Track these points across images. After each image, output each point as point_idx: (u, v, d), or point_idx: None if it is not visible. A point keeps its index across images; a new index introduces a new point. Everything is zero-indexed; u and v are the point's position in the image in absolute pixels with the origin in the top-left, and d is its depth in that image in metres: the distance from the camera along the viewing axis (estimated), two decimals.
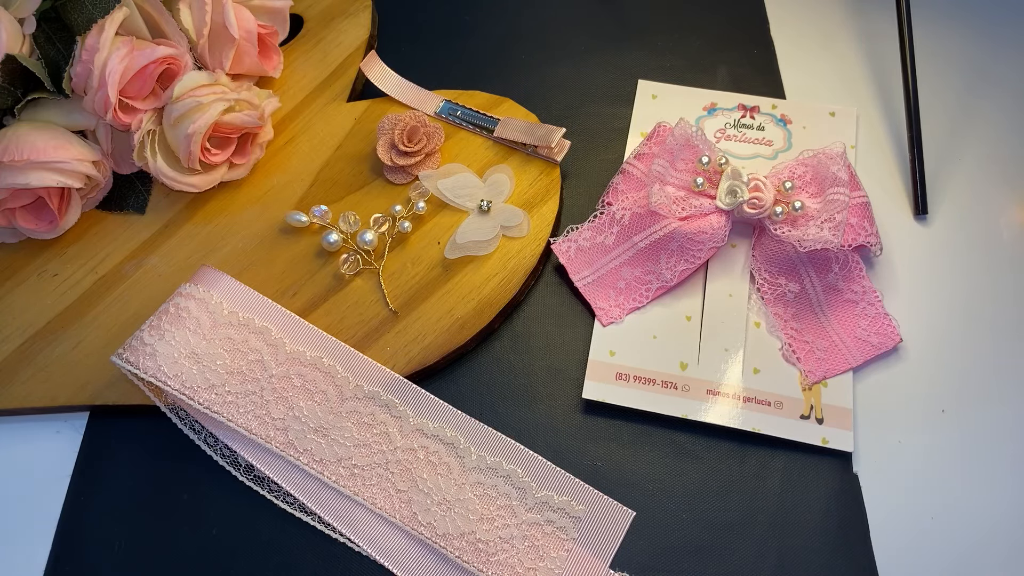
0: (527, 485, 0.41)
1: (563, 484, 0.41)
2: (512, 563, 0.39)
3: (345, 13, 0.59)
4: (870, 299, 0.45)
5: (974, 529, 0.41)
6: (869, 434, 0.44)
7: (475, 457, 0.42)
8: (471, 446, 0.42)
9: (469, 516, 0.40)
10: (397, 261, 0.48)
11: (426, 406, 0.43)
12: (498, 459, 0.42)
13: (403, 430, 0.42)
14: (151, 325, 0.43)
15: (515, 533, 0.40)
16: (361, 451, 0.42)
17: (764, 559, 0.41)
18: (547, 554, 0.40)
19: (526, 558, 0.40)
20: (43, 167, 0.46)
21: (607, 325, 0.46)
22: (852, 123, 0.52)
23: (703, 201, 0.46)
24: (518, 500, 0.41)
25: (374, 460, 0.42)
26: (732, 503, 0.42)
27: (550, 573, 0.39)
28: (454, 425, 0.43)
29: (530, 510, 0.41)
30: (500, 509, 0.41)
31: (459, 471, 0.41)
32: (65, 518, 0.44)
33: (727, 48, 0.57)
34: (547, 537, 0.40)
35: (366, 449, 0.42)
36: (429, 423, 0.43)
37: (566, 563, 0.40)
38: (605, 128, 0.54)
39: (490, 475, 0.41)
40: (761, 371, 0.45)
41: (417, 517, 0.41)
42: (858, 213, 0.45)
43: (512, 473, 0.41)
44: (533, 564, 0.39)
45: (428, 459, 0.42)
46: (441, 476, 0.41)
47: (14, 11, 0.46)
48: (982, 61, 0.56)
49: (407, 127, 0.50)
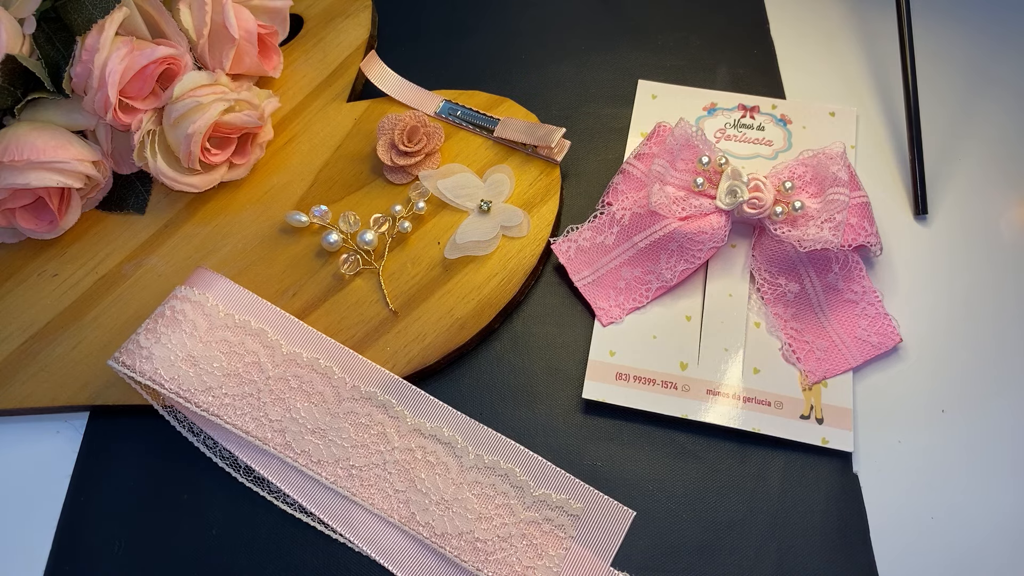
0: (525, 484, 0.41)
1: (561, 483, 0.41)
2: (511, 561, 0.39)
3: (345, 13, 0.59)
4: (870, 299, 0.45)
5: (974, 529, 0.41)
6: (869, 434, 0.44)
7: (473, 456, 0.42)
8: (468, 445, 0.42)
9: (467, 515, 0.40)
10: (397, 261, 0.48)
11: (423, 406, 0.43)
12: (496, 458, 0.42)
13: (400, 430, 0.42)
14: (147, 328, 0.43)
15: (513, 532, 0.40)
16: (359, 452, 0.42)
17: (764, 559, 0.41)
18: (545, 552, 0.40)
19: (524, 556, 0.40)
20: (43, 167, 0.46)
21: (607, 325, 0.46)
22: (852, 123, 0.52)
23: (703, 201, 0.46)
24: (516, 499, 0.41)
25: (372, 460, 0.42)
26: (732, 503, 0.42)
27: (548, 571, 0.39)
28: (451, 425, 0.43)
29: (528, 508, 0.41)
30: (498, 508, 0.41)
31: (457, 470, 0.41)
32: (65, 518, 0.44)
33: (727, 48, 0.57)
34: (545, 535, 0.40)
35: (364, 450, 0.42)
36: (426, 423, 0.43)
37: (564, 561, 0.40)
38: (605, 128, 0.54)
39: (488, 474, 0.41)
40: (761, 371, 0.45)
41: (415, 517, 0.41)
42: (858, 213, 0.45)
43: (510, 472, 0.41)
44: (532, 563, 0.40)
45: (426, 459, 0.42)
46: (439, 476, 0.41)
47: (14, 11, 0.46)
48: (982, 61, 0.56)
49: (407, 127, 0.50)
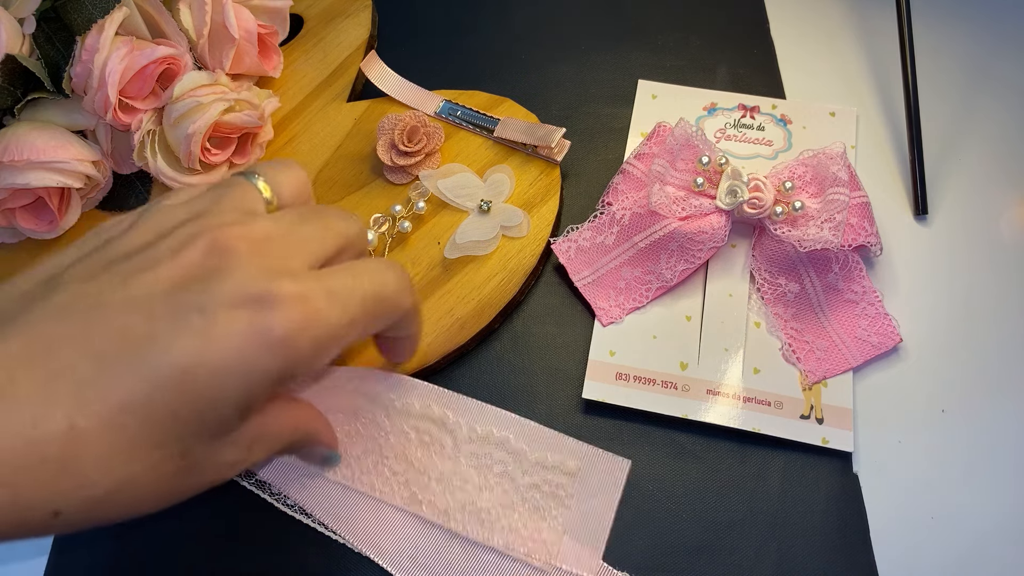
0: (520, 450, 0.41)
1: (556, 443, 0.41)
2: (516, 527, 0.40)
3: (345, 13, 0.59)
4: (870, 299, 0.45)
5: (974, 529, 0.41)
6: (869, 434, 0.43)
7: (466, 430, 0.42)
8: (460, 420, 0.42)
9: (467, 488, 0.41)
10: (397, 261, 0.48)
11: (407, 389, 0.43)
12: (488, 428, 0.42)
13: (390, 414, 0.42)
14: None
15: (515, 498, 0.40)
16: (353, 440, 0.42)
17: (764, 559, 0.41)
18: (548, 513, 0.40)
19: (530, 520, 0.40)
20: (43, 167, 0.46)
21: (607, 325, 0.46)
22: (852, 123, 0.52)
23: (703, 201, 0.46)
24: (514, 465, 0.41)
25: (367, 447, 0.42)
26: (732, 503, 0.42)
27: (554, 532, 0.40)
28: (440, 402, 0.43)
29: (527, 473, 0.41)
30: (498, 477, 0.41)
31: (452, 446, 0.42)
32: None
33: (727, 48, 0.57)
34: (546, 497, 0.40)
35: (358, 438, 0.42)
36: (415, 404, 0.43)
37: (568, 520, 0.40)
38: (605, 128, 0.54)
39: (483, 444, 0.41)
40: (761, 371, 0.45)
41: (417, 496, 0.41)
42: (858, 213, 0.45)
43: (504, 440, 0.41)
44: (537, 524, 0.40)
45: (420, 439, 0.42)
46: (435, 454, 0.41)
47: (14, 11, 0.46)
48: (983, 60, 0.56)
49: (407, 127, 0.50)
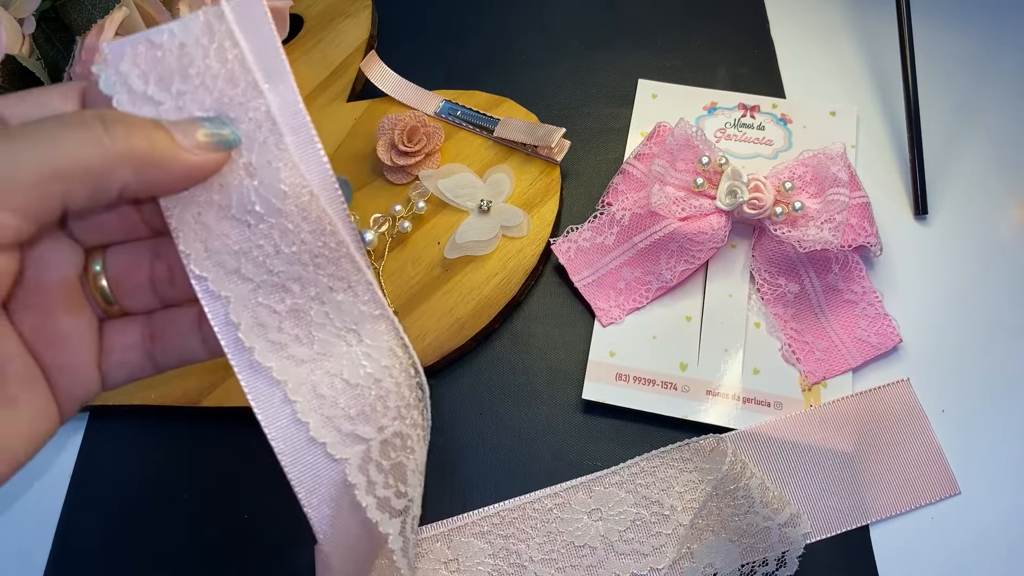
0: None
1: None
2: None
3: (345, 13, 0.59)
4: (870, 299, 0.45)
5: (974, 529, 0.41)
6: None
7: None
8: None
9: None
10: (397, 261, 0.48)
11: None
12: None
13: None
14: None
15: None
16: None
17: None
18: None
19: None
20: None
21: (607, 325, 0.46)
22: (852, 123, 0.52)
23: (703, 201, 0.46)
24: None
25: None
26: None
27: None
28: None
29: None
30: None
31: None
32: (65, 518, 0.44)
33: (727, 48, 0.57)
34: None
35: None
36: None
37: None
38: (605, 128, 0.54)
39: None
40: (761, 371, 0.45)
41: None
42: (858, 213, 0.45)
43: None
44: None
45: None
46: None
47: (14, 11, 0.46)
48: (982, 61, 0.56)
49: (407, 127, 0.50)
